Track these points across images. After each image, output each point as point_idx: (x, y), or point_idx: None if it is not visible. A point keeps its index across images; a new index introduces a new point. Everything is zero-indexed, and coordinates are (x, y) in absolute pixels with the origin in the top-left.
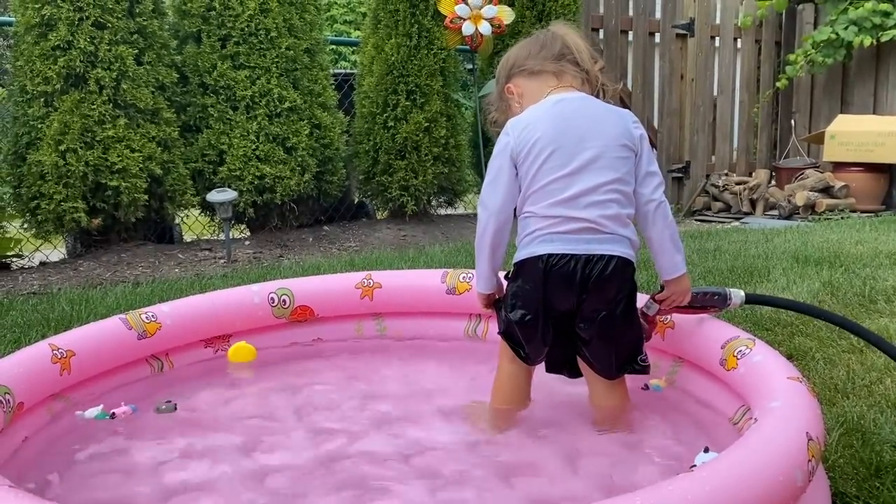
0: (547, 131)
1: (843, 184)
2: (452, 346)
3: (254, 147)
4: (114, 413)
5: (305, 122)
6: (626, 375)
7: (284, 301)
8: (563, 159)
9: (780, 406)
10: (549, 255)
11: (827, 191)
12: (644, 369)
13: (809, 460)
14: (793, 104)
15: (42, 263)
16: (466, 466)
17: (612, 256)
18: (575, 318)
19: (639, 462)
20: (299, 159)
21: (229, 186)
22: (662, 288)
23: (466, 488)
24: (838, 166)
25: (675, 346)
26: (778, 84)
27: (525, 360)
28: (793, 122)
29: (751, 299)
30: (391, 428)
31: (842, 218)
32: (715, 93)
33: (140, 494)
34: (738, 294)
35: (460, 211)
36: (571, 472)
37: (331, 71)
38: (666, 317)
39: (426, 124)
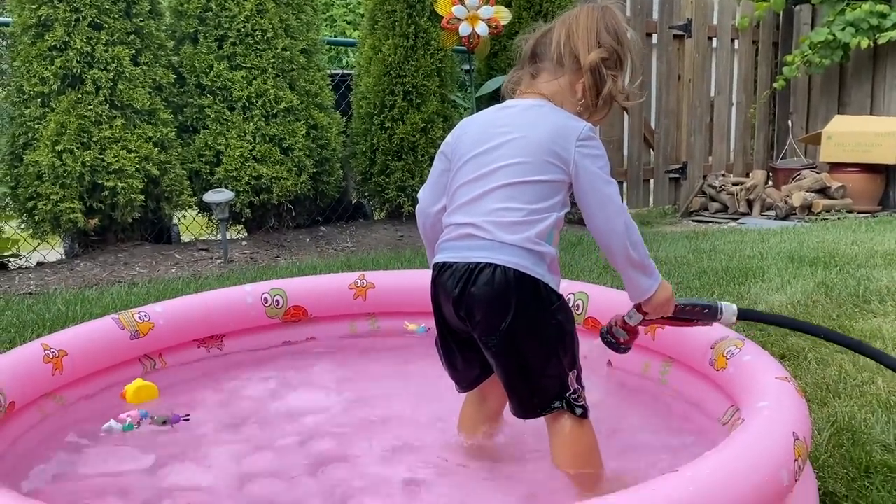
0: None
1: (839, 184)
2: None
3: (250, 147)
4: (140, 422)
5: (302, 122)
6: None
7: (278, 301)
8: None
9: (768, 406)
10: (435, 265)
11: (824, 191)
12: (575, 407)
13: (796, 460)
14: (790, 105)
15: (39, 264)
16: (451, 466)
17: (488, 265)
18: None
19: (626, 461)
20: (296, 160)
21: (226, 187)
22: None
23: (452, 489)
24: (835, 167)
25: (665, 346)
26: (775, 85)
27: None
28: (790, 122)
29: (744, 315)
30: (379, 428)
31: (838, 218)
32: (712, 94)
33: (130, 495)
34: (730, 308)
35: None
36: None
37: (328, 71)
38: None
39: (423, 125)
